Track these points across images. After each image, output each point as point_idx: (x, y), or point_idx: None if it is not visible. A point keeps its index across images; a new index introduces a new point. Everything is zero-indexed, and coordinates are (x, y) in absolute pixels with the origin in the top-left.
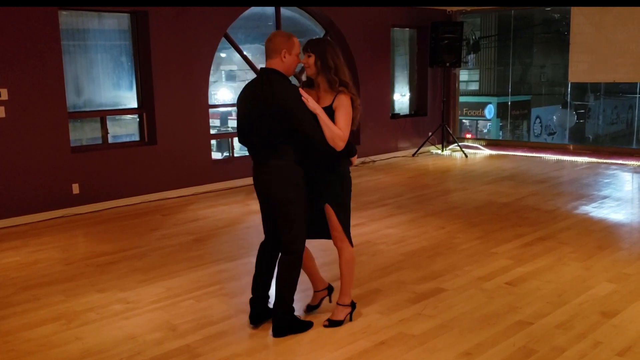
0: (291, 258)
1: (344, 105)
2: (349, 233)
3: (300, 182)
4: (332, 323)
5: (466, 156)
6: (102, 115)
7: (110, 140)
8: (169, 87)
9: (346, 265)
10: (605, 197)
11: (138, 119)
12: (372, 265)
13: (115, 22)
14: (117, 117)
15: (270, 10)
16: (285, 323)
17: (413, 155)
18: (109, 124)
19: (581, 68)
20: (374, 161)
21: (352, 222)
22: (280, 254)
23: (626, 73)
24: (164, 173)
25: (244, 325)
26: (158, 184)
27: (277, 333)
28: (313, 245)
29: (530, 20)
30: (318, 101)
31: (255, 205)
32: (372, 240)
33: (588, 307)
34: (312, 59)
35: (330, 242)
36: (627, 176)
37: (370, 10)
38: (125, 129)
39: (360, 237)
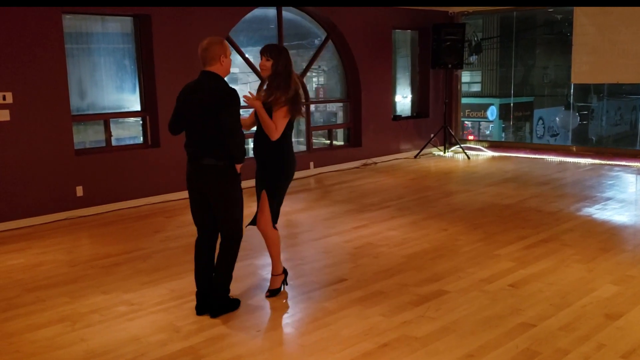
0: (233, 243)
1: (282, 110)
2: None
3: (237, 178)
4: (272, 292)
5: (468, 158)
6: (106, 118)
7: (113, 143)
8: (172, 89)
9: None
10: (608, 199)
11: (141, 122)
12: (374, 268)
13: (118, 26)
14: (121, 120)
15: (272, 13)
16: (224, 303)
17: (415, 157)
18: (112, 126)
19: (584, 69)
20: (376, 163)
21: (354, 224)
22: (222, 241)
23: (629, 74)
24: (167, 175)
25: (247, 327)
26: (161, 186)
27: (216, 314)
28: (315, 247)
29: (533, 21)
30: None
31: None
32: (374, 243)
33: (591, 309)
34: (270, 63)
35: (330, 243)
36: (630, 178)
37: (371, 12)
38: (129, 132)
39: (362, 239)
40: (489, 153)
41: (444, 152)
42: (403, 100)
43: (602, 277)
